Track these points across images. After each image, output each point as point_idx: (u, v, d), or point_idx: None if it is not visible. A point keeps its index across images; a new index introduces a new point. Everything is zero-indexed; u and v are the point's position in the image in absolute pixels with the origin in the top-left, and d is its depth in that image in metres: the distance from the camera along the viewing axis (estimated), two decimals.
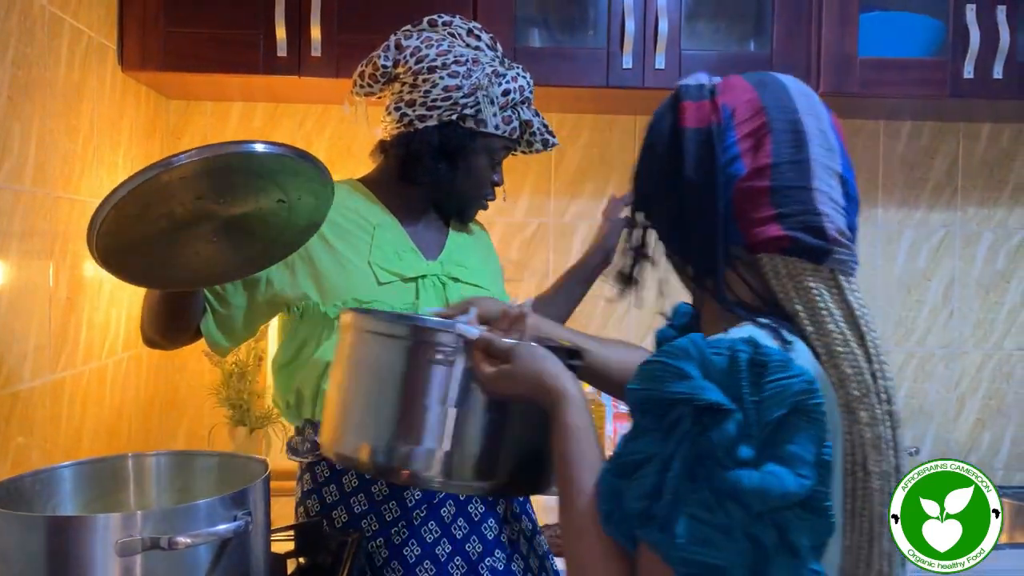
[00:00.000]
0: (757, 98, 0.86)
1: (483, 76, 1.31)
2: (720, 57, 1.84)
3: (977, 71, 1.84)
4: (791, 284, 0.81)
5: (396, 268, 1.33)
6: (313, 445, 1.30)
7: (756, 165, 0.83)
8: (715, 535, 0.71)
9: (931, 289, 2.21)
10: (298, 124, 2.08)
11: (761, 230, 0.82)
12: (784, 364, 0.73)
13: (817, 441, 0.73)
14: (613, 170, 2.16)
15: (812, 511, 0.73)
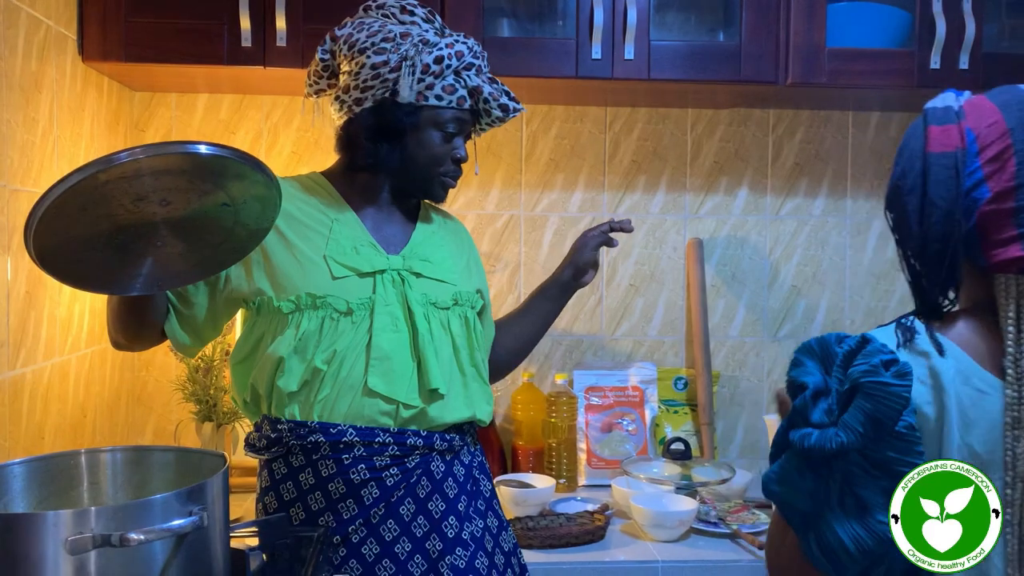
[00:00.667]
0: (1002, 120, 0.91)
1: (410, 47, 1.30)
2: (689, 48, 1.84)
3: (944, 62, 1.84)
4: (1011, 296, 0.88)
5: (352, 263, 1.31)
6: (270, 441, 1.29)
7: (1000, 188, 0.88)
8: (791, 477, 0.88)
9: (900, 278, 2.22)
10: (265, 116, 2.06)
11: (1002, 251, 0.88)
12: (876, 351, 0.86)
13: (875, 414, 0.84)
14: (584, 162, 2.15)
15: (879, 468, 0.88)
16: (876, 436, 0.86)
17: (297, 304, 1.27)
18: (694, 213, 2.19)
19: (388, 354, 1.29)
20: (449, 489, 1.33)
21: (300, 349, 1.26)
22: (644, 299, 2.18)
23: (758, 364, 2.20)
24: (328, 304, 1.27)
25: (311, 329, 1.27)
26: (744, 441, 2.20)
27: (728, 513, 1.75)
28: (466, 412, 1.37)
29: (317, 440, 1.27)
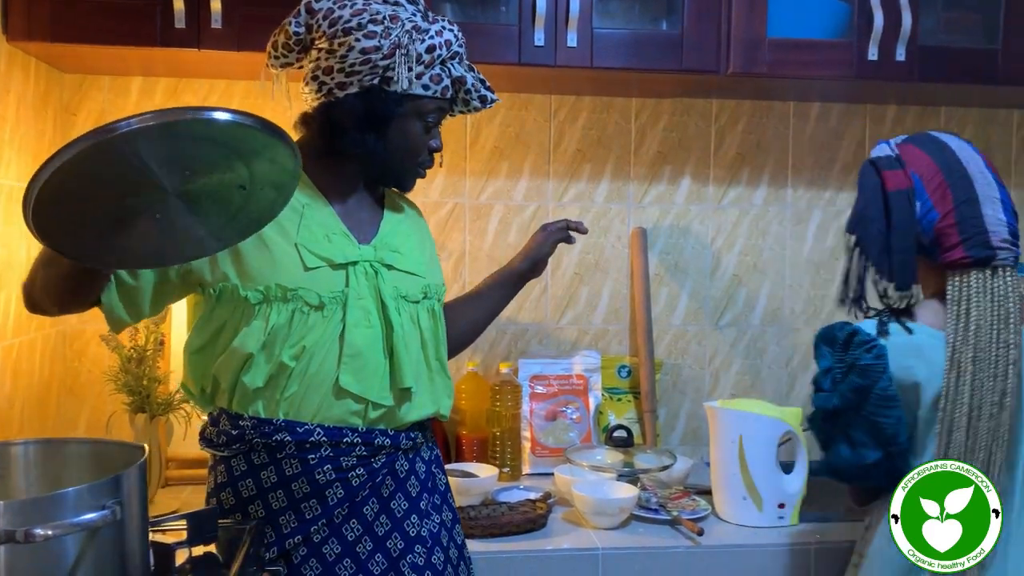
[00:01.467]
0: (932, 162, 1.31)
1: (402, 34, 1.24)
2: (633, 36, 1.83)
3: (881, 53, 1.87)
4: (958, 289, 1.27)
5: (326, 253, 1.25)
6: (230, 438, 1.24)
7: (944, 211, 1.28)
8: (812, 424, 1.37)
9: (839, 268, 2.25)
10: (202, 100, 2.01)
11: (951, 253, 1.28)
12: (864, 341, 1.28)
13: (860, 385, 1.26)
14: (529, 150, 2.14)
15: (865, 420, 1.27)
16: (862, 399, 1.26)
17: (266, 295, 1.21)
18: (638, 202, 2.19)
19: (361, 351, 1.24)
20: (412, 488, 1.31)
21: (268, 344, 1.21)
22: (589, 288, 2.18)
23: (700, 352, 2.22)
24: (299, 297, 1.21)
25: (280, 323, 1.21)
26: (686, 428, 2.22)
27: (668, 499, 1.77)
28: (431, 408, 1.34)
29: (283, 439, 1.22)
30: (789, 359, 2.25)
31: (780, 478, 1.70)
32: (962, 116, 2.28)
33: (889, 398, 1.26)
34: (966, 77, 1.94)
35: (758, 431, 1.68)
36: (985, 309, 1.25)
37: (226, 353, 1.22)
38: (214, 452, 1.28)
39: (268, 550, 1.23)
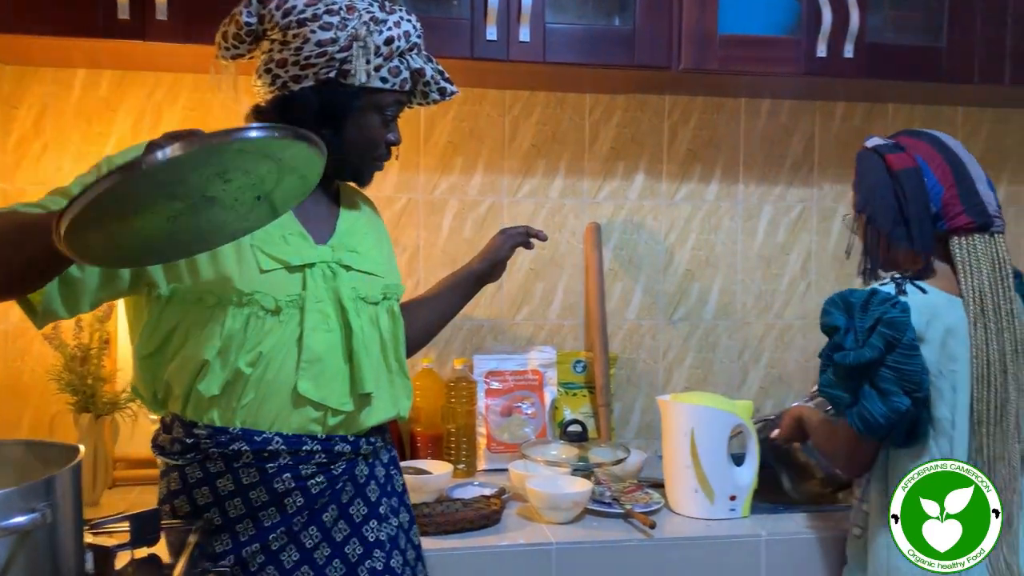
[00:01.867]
0: (931, 148, 1.50)
1: (360, 25, 1.20)
2: (585, 31, 1.84)
3: (830, 50, 1.90)
4: (965, 251, 1.44)
5: (282, 254, 1.20)
6: (184, 447, 1.20)
7: (948, 184, 1.46)
8: (837, 383, 1.42)
9: (789, 262, 2.29)
10: (148, 93, 1.97)
11: (956, 220, 1.45)
12: (885, 299, 1.40)
13: (889, 337, 1.37)
14: (483, 144, 2.13)
15: (892, 370, 1.37)
16: (890, 349, 1.37)
17: (220, 299, 1.16)
18: (592, 198, 2.20)
19: (320, 356, 1.21)
20: (371, 492, 1.29)
21: (223, 351, 1.16)
22: (544, 283, 2.18)
23: (654, 346, 2.24)
24: (255, 301, 1.17)
25: (235, 328, 1.16)
26: (641, 422, 2.23)
27: (622, 493, 1.78)
28: (391, 411, 1.32)
29: (240, 448, 1.18)
30: (741, 352, 2.27)
31: (731, 470, 1.71)
32: (908, 112, 2.32)
33: (914, 347, 1.38)
34: (911, 74, 1.97)
35: (710, 424, 1.70)
36: (988, 268, 1.43)
37: (178, 359, 1.18)
38: (167, 460, 1.24)
39: (224, 557, 1.19)
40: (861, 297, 1.42)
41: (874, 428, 1.39)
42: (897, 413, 1.37)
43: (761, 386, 2.29)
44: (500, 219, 2.15)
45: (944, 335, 1.42)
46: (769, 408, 2.27)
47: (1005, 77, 1.99)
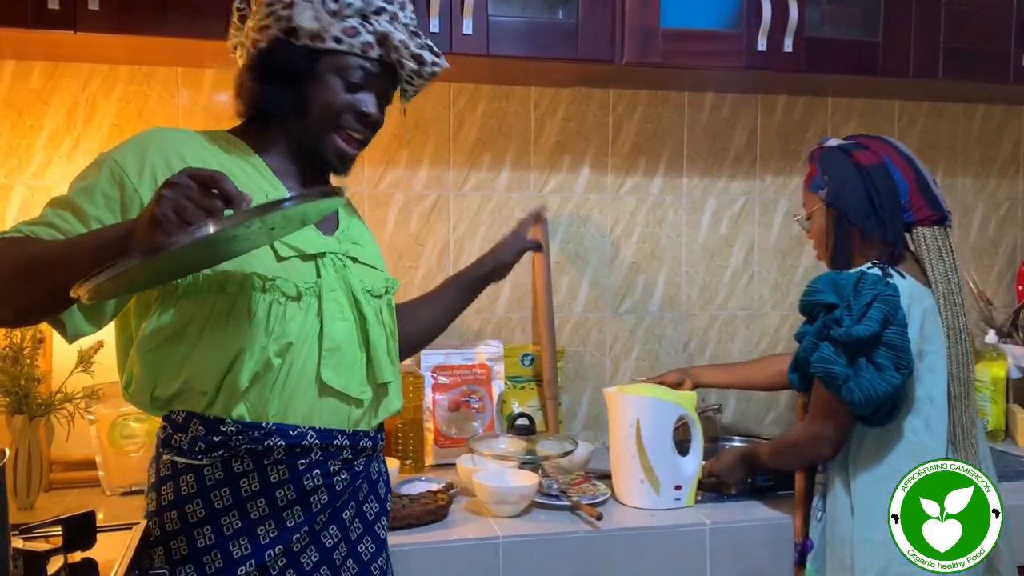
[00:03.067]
0: (889, 147, 1.60)
1: None
2: (528, 24, 1.83)
3: (770, 44, 1.92)
4: (928, 242, 1.55)
5: (295, 242, 1.17)
6: (210, 445, 1.12)
7: (910, 180, 1.56)
8: (833, 358, 1.45)
9: (733, 254, 2.32)
10: (82, 84, 1.91)
11: (922, 211, 1.55)
12: (876, 279, 1.47)
13: (886, 313, 1.43)
14: (428, 137, 2.12)
15: (887, 346, 1.43)
16: (886, 325, 1.43)
17: (243, 285, 1.11)
18: (539, 191, 2.20)
19: (340, 344, 1.18)
20: (380, 489, 1.28)
21: (251, 339, 1.11)
22: None
23: (601, 339, 2.25)
24: (276, 287, 1.13)
25: (260, 315, 1.12)
26: (588, 414, 2.25)
27: (569, 485, 1.78)
28: (398, 404, 1.30)
29: (274, 444, 1.13)
30: (686, 343, 2.30)
31: (676, 461, 1.73)
32: (847, 106, 2.37)
33: (905, 326, 1.45)
34: (849, 68, 2.01)
35: (654, 415, 1.71)
36: (948, 258, 1.55)
37: (200, 351, 1.11)
38: (188, 461, 1.15)
39: (243, 564, 1.13)
40: (851, 278, 1.48)
41: (872, 401, 1.44)
42: (893, 387, 1.43)
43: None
44: (446, 213, 2.14)
45: (922, 317, 1.50)
46: (713, 398, 2.30)
47: (939, 71, 2.04)
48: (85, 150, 1.92)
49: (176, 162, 1.13)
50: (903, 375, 1.45)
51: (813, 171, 1.63)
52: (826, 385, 1.48)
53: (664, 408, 1.73)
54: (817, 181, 1.61)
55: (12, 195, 1.89)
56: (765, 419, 2.36)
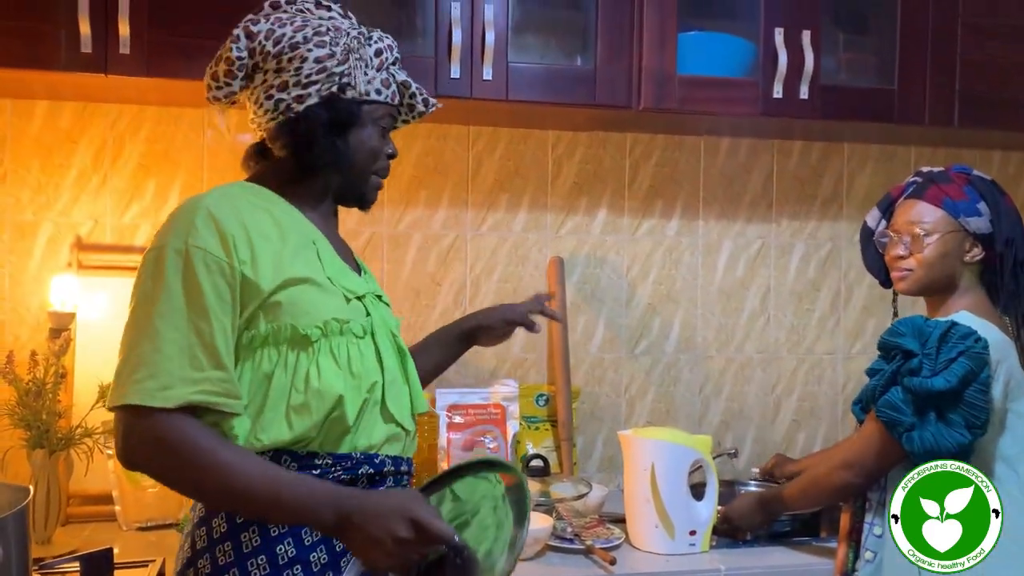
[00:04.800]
0: None
1: (351, 40, 1.22)
2: (546, 71, 1.87)
3: (785, 91, 1.94)
4: None
5: (349, 285, 1.22)
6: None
7: None
8: (902, 406, 1.41)
9: (748, 297, 2.33)
10: (110, 124, 1.96)
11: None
12: (966, 334, 1.40)
13: (970, 369, 1.38)
14: (447, 179, 2.15)
15: (964, 404, 1.39)
16: (967, 383, 1.38)
17: (324, 331, 1.15)
18: (555, 232, 2.22)
19: (395, 376, 1.24)
20: None
21: (346, 379, 1.16)
22: None
23: (616, 380, 2.25)
24: (349, 330, 1.18)
25: (342, 357, 1.16)
26: (603, 456, 2.24)
27: (584, 528, 1.78)
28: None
29: (365, 472, 1.17)
30: (702, 386, 2.30)
31: (691, 505, 1.72)
32: (864, 152, 2.38)
33: (987, 385, 1.40)
34: (865, 115, 2.03)
35: (669, 459, 1.71)
36: None
37: (297, 396, 1.13)
38: None
39: None
40: (940, 327, 1.41)
41: (932, 454, 1.38)
42: (959, 446, 1.38)
43: (722, 419, 2.31)
44: (464, 253, 2.16)
45: (1007, 375, 1.45)
46: (730, 442, 2.29)
47: (954, 119, 2.05)
48: (112, 188, 1.96)
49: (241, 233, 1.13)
50: (975, 435, 1.40)
51: (957, 194, 1.51)
52: (888, 429, 1.43)
53: (679, 452, 1.72)
54: (964, 206, 1.49)
55: (40, 231, 1.93)
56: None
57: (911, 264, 1.52)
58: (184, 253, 1.10)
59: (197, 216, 1.12)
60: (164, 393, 1.06)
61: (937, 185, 1.52)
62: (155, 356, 1.07)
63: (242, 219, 1.14)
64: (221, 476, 1.07)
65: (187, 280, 1.10)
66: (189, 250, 1.10)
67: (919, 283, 1.52)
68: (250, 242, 1.12)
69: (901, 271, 1.54)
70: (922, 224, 1.50)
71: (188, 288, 1.10)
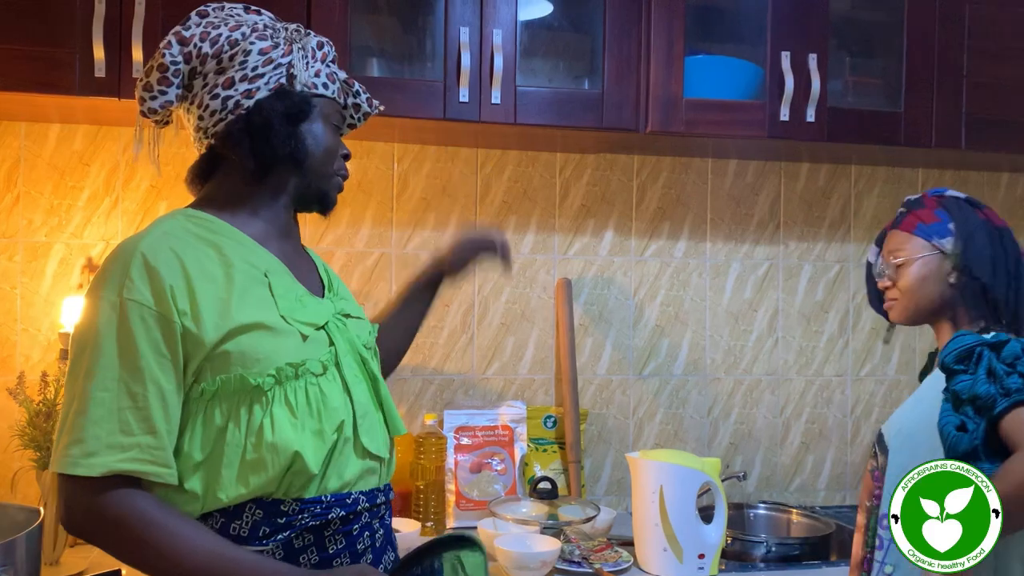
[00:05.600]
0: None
1: (291, 32, 1.20)
2: (554, 94, 1.88)
3: (792, 114, 1.96)
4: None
5: (308, 318, 1.15)
6: (275, 527, 1.09)
7: None
8: None
9: (757, 319, 2.33)
10: (122, 148, 1.98)
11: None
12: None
13: None
14: (456, 201, 2.16)
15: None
16: None
17: (277, 378, 1.09)
18: (563, 254, 2.23)
19: (366, 408, 1.19)
20: (393, 539, 1.28)
21: (302, 427, 1.10)
22: (515, 338, 2.20)
23: (624, 402, 2.25)
24: (307, 370, 1.11)
25: (300, 402, 1.11)
26: (611, 478, 2.23)
27: (592, 552, 1.77)
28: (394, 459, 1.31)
29: (335, 515, 1.12)
30: (711, 408, 2.29)
31: (700, 528, 1.72)
32: (871, 173, 2.39)
33: None
34: (871, 137, 2.04)
35: (677, 482, 1.70)
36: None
37: (253, 450, 1.07)
38: (252, 548, 1.09)
39: None
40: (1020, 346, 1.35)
41: None
42: None
43: (731, 442, 2.30)
44: (472, 274, 2.17)
45: None
46: (739, 464, 2.28)
47: (961, 141, 2.06)
48: (124, 211, 1.98)
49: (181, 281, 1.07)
50: None
51: (929, 217, 1.51)
52: None
53: (688, 475, 1.72)
54: (936, 228, 1.49)
55: (52, 253, 1.95)
56: (790, 486, 2.34)
57: (895, 293, 1.52)
58: (119, 307, 1.04)
59: (132, 265, 1.06)
60: (88, 461, 1.00)
61: (913, 212, 1.53)
62: (81, 420, 1.02)
63: (182, 263, 1.08)
64: (170, 555, 1.02)
65: (121, 338, 1.03)
66: (124, 304, 1.04)
67: (905, 311, 1.51)
68: (191, 290, 1.07)
69: (888, 302, 1.54)
70: (899, 252, 1.51)
71: (122, 346, 1.03)
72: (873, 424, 2.37)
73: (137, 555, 1.03)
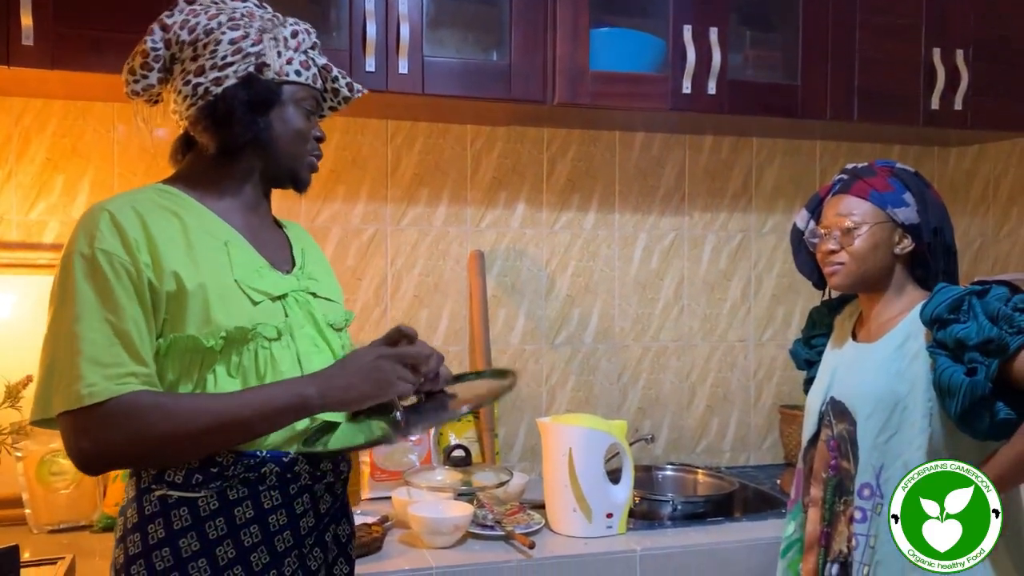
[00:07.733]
0: None
1: (265, 22, 1.24)
2: (463, 65, 1.89)
3: (694, 87, 2.01)
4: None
5: (263, 286, 1.20)
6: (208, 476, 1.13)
7: None
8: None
9: (663, 288, 2.39)
10: (15, 119, 1.91)
11: None
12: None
13: None
14: (366, 173, 2.16)
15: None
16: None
17: (228, 339, 1.14)
18: (475, 226, 2.25)
19: None
20: (349, 511, 1.31)
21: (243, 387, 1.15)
22: (429, 310, 2.21)
23: (537, 370, 2.29)
24: (258, 334, 1.17)
25: (249, 363, 1.16)
26: (525, 445, 2.28)
27: (504, 515, 1.81)
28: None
29: (269, 471, 1.16)
30: (620, 374, 2.36)
31: (608, 488, 1.77)
32: (771, 146, 2.47)
33: None
34: (770, 110, 2.11)
35: (586, 444, 1.75)
36: None
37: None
38: (182, 494, 1.14)
39: None
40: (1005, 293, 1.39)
41: None
42: None
43: (640, 407, 2.37)
44: (384, 247, 2.17)
45: None
46: (647, 428, 2.36)
47: (853, 113, 2.15)
48: (18, 184, 1.91)
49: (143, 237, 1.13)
50: None
51: (883, 186, 1.50)
52: None
53: (596, 437, 1.77)
54: (891, 197, 1.48)
55: None
56: (697, 448, 2.42)
57: (843, 258, 1.49)
58: (91, 258, 1.11)
59: (100, 220, 1.13)
60: (92, 390, 1.07)
61: (862, 179, 1.51)
62: (77, 359, 1.08)
63: (144, 223, 1.13)
64: (190, 415, 1.11)
65: (98, 283, 1.10)
66: (96, 253, 1.11)
67: (852, 276, 1.50)
68: (152, 247, 1.12)
69: (833, 266, 1.51)
70: (851, 217, 1.48)
71: (100, 290, 1.10)
72: (775, 387, 2.48)
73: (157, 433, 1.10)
